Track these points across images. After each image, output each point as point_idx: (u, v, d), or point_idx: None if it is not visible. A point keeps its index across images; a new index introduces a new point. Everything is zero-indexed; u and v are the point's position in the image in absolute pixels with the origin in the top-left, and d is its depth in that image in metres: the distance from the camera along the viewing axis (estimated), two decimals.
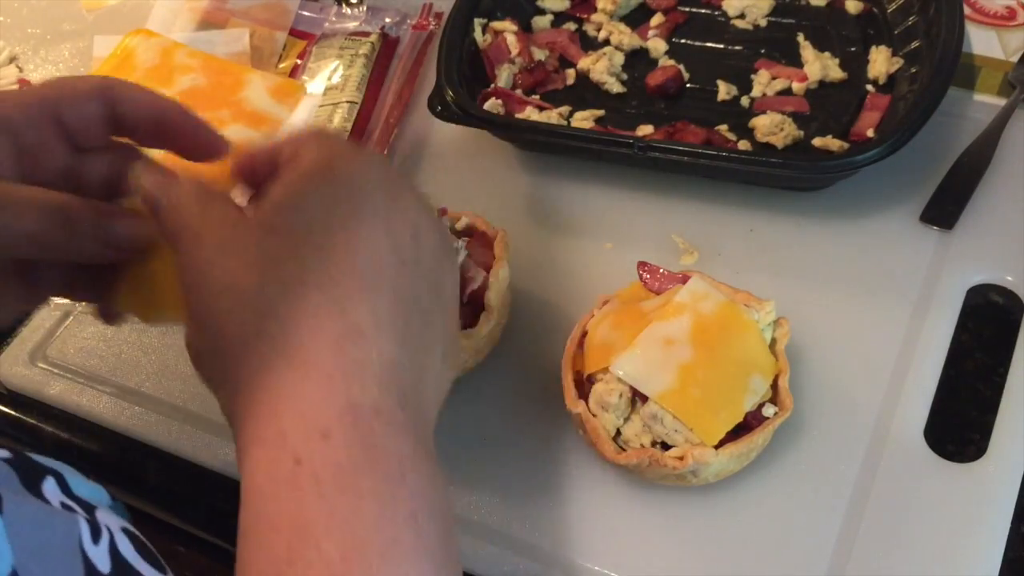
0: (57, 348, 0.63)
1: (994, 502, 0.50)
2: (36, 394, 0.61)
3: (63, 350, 0.63)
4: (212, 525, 0.57)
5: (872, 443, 0.52)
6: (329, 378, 0.35)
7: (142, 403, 0.60)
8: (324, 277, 0.36)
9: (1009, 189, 0.61)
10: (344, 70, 0.72)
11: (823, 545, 0.49)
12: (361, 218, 0.38)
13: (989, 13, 0.71)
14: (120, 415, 0.59)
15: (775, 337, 0.52)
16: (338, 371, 0.35)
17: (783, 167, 0.60)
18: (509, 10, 0.74)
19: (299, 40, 0.76)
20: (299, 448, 0.33)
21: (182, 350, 0.62)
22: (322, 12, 0.78)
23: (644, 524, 0.51)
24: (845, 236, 0.61)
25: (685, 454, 0.48)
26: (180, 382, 0.60)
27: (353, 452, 0.33)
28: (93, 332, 0.64)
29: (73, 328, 0.64)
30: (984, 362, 0.55)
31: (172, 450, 0.58)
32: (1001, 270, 0.58)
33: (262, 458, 0.34)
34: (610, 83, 0.69)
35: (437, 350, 0.39)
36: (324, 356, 0.35)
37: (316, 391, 0.34)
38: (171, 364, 0.62)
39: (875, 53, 0.67)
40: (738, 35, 0.71)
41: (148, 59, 0.73)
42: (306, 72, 0.74)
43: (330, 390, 0.34)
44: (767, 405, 0.50)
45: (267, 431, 0.34)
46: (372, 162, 0.40)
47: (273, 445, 0.34)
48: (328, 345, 0.35)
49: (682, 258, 0.61)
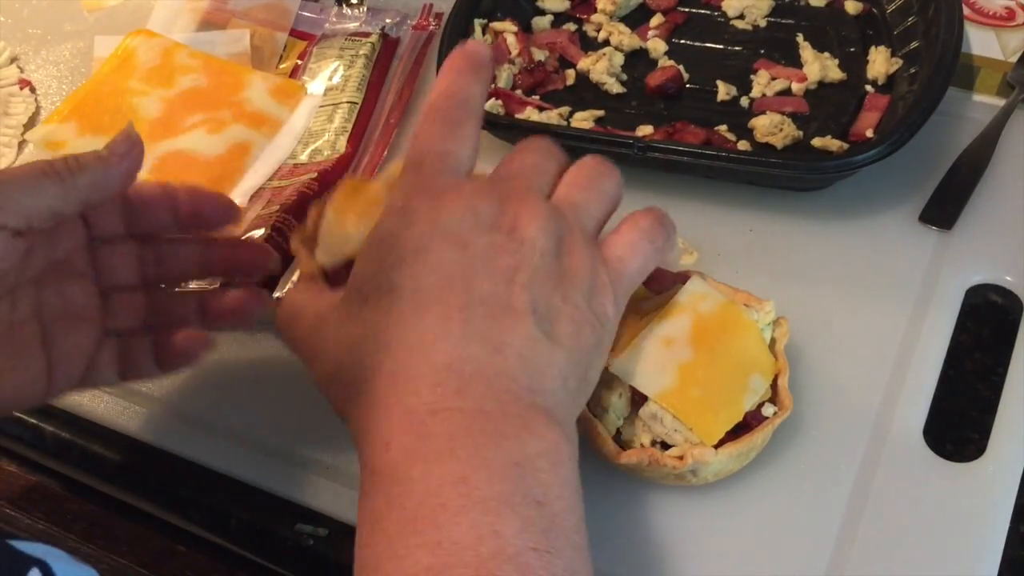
0: None
1: (993, 502, 0.50)
2: None
3: None
4: (212, 525, 0.57)
5: (871, 443, 0.52)
6: (387, 408, 0.40)
7: (143, 403, 0.60)
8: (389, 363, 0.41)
9: (1008, 189, 0.61)
10: (344, 70, 0.72)
11: (822, 544, 0.49)
12: (414, 259, 0.43)
13: (988, 13, 0.71)
14: (121, 415, 0.59)
15: (775, 337, 0.52)
16: (395, 400, 0.40)
17: (782, 167, 0.60)
18: (509, 11, 0.74)
19: (300, 41, 0.76)
20: (372, 460, 0.40)
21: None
22: (322, 13, 0.78)
23: (643, 523, 0.51)
24: (844, 236, 0.61)
25: (685, 454, 0.48)
26: (180, 382, 0.60)
27: (408, 446, 0.39)
28: None
29: None
30: (983, 362, 0.56)
31: (172, 450, 0.58)
32: (1000, 270, 0.58)
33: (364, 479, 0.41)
34: (610, 83, 0.69)
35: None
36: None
37: (384, 422, 0.40)
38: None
39: (874, 53, 0.67)
40: (737, 36, 0.71)
41: (149, 60, 0.73)
42: (306, 73, 0.74)
43: (389, 413, 0.40)
44: (767, 405, 0.51)
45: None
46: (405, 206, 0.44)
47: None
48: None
49: (681, 258, 0.61)
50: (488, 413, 0.39)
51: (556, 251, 0.43)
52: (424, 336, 0.41)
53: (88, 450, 0.59)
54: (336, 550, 0.53)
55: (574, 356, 0.42)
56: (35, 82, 0.78)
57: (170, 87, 0.72)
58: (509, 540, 0.35)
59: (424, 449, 0.38)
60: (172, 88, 0.72)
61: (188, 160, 0.68)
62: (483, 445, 0.38)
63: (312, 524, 0.54)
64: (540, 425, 0.39)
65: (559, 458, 0.39)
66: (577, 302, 0.43)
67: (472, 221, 0.43)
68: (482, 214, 0.43)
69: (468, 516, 0.36)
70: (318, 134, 0.69)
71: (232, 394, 0.59)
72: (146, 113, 0.70)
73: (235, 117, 0.70)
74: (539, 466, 0.38)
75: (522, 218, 0.43)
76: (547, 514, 0.37)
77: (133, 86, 0.72)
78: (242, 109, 0.71)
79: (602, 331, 0.44)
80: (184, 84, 0.72)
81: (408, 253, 0.42)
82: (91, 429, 0.60)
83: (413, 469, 0.38)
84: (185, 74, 0.73)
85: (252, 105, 0.71)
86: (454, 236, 0.42)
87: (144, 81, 0.72)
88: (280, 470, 0.56)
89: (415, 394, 0.40)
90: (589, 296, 0.44)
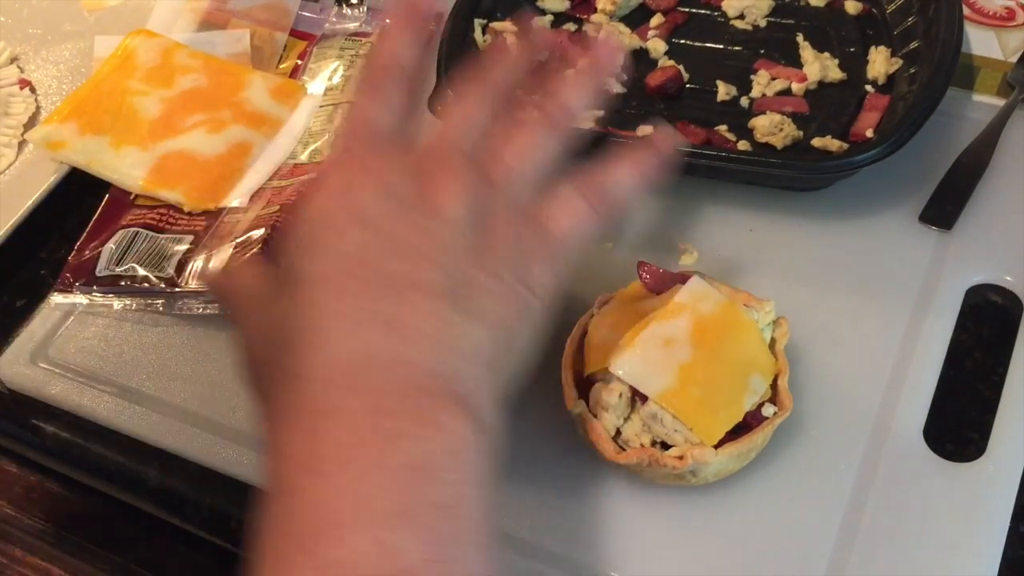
0: (58, 348, 0.63)
1: (994, 502, 0.50)
2: (37, 394, 0.61)
3: (64, 350, 0.63)
4: (212, 525, 0.57)
5: (871, 443, 0.52)
6: (285, 411, 0.38)
7: (143, 403, 0.60)
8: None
9: (1008, 189, 0.61)
10: (344, 71, 0.72)
11: (822, 544, 0.49)
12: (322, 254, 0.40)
13: (988, 13, 0.71)
14: (121, 415, 0.59)
15: (775, 337, 0.52)
16: (292, 402, 0.38)
17: (783, 167, 0.60)
18: (509, 11, 0.74)
19: (299, 40, 0.76)
20: (269, 467, 0.38)
21: (182, 349, 0.62)
22: (322, 12, 0.78)
23: (643, 524, 0.51)
24: (844, 236, 0.61)
25: (685, 454, 0.48)
26: (180, 382, 0.60)
27: (301, 456, 0.37)
28: (94, 332, 0.64)
29: (74, 328, 0.64)
30: (983, 362, 0.56)
31: (172, 450, 0.58)
32: (1000, 270, 0.58)
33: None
34: (610, 83, 0.69)
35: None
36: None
37: (280, 426, 0.39)
38: (171, 364, 0.62)
39: (874, 53, 0.67)
40: (737, 36, 0.71)
41: (149, 60, 0.73)
42: (306, 73, 0.74)
43: (286, 415, 0.38)
44: (767, 405, 0.51)
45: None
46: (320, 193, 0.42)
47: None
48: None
49: (681, 258, 0.61)
50: (384, 410, 0.36)
51: (477, 224, 0.41)
52: (323, 329, 0.38)
53: (88, 450, 0.59)
54: None
55: (496, 333, 0.40)
56: (35, 82, 0.78)
57: (170, 87, 0.72)
58: (403, 554, 0.33)
59: (317, 457, 0.35)
60: (172, 88, 0.72)
61: (188, 160, 0.68)
62: (378, 450, 0.35)
63: None
64: (445, 416, 0.37)
65: (465, 453, 0.37)
66: (501, 275, 0.41)
67: (385, 199, 0.40)
68: (397, 190, 0.41)
69: (360, 532, 0.34)
70: (318, 134, 0.70)
71: (232, 394, 0.59)
72: (146, 113, 0.70)
73: (235, 117, 0.70)
74: (441, 465, 0.36)
75: (440, 192, 0.41)
76: (449, 517, 0.35)
77: (133, 86, 0.72)
78: (242, 109, 0.71)
79: (535, 302, 0.42)
80: (184, 84, 0.72)
81: (318, 237, 0.40)
82: (91, 429, 0.60)
83: (305, 480, 0.35)
84: (185, 74, 0.73)
85: (252, 105, 0.71)
86: (365, 217, 0.40)
87: (144, 81, 0.72)
88: None
89: (309, 396, 0.37)
90: (517, 268, 0.41)
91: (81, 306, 0.64)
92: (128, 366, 0.62)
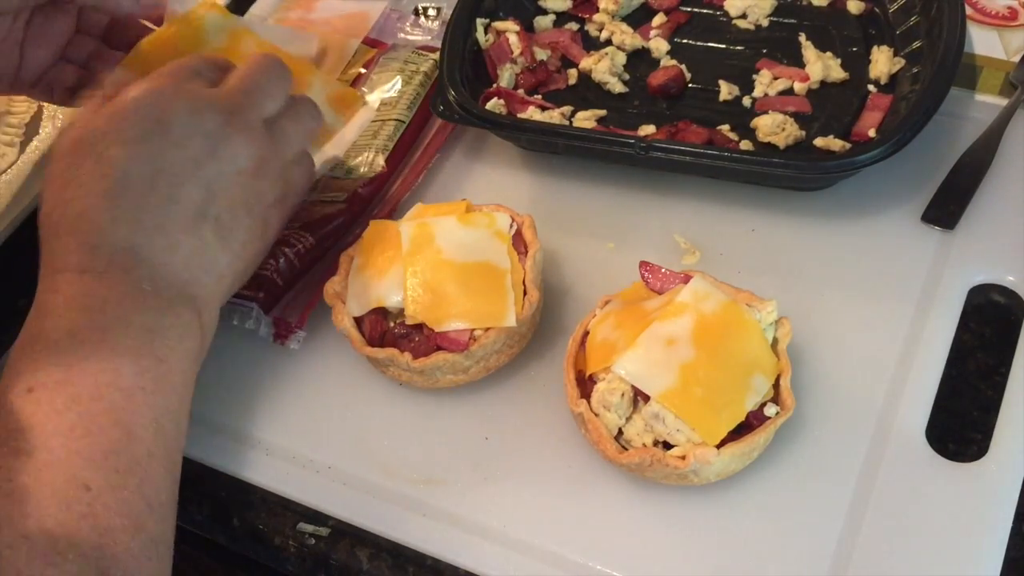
0: None
1: (996, 502, 0.50)
2: None
3: None
4: (212, 525, 0.57)
5: (874, 443, 0.52)
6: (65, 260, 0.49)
7: None
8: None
9: (1010, 189, 0.61)
10: (402, 85, 0.70)
11: (825, 545, 0.49)
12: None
13: (991, 13, 0.71)
14: None
15: (777, 337, 0.52)
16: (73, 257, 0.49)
17: (785, 167, 0.60)
18: (511, 10, 0.74)
19: (370, 48, 0.75)
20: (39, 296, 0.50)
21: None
22: (400, 21, 0.76)
23: (645, 523, 0.51)
24: (847, 236, 0.61)
25: (687, 453, 0.48)
26: None
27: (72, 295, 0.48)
28: None
29: None
30: (986, 362, 0.56)
31: None
32: (1002, 270, 0.58)
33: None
34: (612, 83, 0.69)
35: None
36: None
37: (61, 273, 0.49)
38: None
39: (877, 53, 0.67)
40: (740, 35, 0.71)
41: (217, 40, 0.67)
42: (368, 83, 0.72)
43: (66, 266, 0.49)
44: (769, 405, 0.51)
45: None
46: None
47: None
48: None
49: (684, 258, 0.61)
50: (144, 291, 0.48)
51: (255, 172, 0.53)
52: (115, 217, 0.49)
53: None
54: (338, 550, 0.53)
55: (237, 261, 0.53)
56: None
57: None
58: (126, 377, 0.46)
59: (84, 302, 0.47)
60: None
61: None
62: (131, 310, 0.48)
63: (314, 523, 0.54)
64: (182, 308, 0.50)
65: (187, 333, 0.50)
66: (258, 214, 0.53)
67: (196, 127, 0.51)
68: (207, 124, 0.52)
69: (98, 356, 0.46)
70: (360, 148, 0.68)
71: (233, 394, 0.59)
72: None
73: None
74: (169, 335, 0.49)
75: (237, 137, 0.52)
76: (163, 369, 0.48)
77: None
78: None
79: (270, 238, 0.56)
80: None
81: (132, 134, 0.50)
82: None
83: (71, 312, 0.47)
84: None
85: None
86: (178, 135, 0.51)
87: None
88: (281, 469, 0.56)
89: (90, 258, 0.48)
90: (268, 211, 0.54)
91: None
92: None
